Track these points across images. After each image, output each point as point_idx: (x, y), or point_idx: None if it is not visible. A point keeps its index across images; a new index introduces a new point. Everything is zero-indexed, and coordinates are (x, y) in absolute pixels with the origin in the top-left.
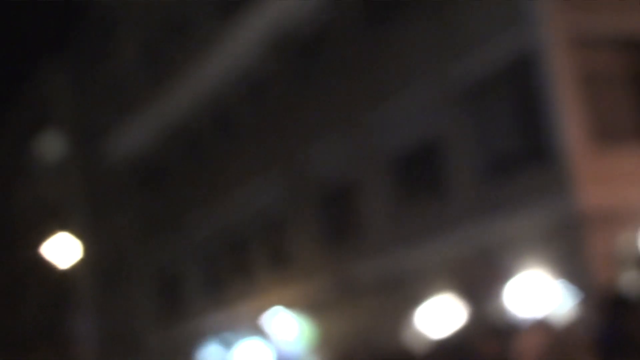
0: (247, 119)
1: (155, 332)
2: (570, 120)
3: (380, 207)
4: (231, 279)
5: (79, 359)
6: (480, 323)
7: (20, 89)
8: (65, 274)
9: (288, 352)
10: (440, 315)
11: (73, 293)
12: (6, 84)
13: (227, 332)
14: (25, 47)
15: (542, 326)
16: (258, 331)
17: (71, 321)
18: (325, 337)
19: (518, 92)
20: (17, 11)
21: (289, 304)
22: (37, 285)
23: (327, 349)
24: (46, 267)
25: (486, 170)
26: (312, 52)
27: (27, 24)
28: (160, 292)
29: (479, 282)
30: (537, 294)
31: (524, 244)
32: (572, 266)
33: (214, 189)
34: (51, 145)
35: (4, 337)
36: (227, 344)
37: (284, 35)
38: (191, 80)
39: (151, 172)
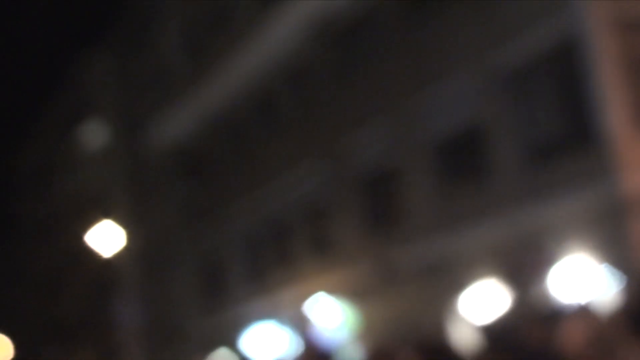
0: (289, 106)
1: (198, 320)
2: (613, 104)
3: (423, 192)
4: (274, 266)
5: (122, 347)
6: (524, 308)
7: (63, 78)
8: (108, 262)
9: (330, 339)
10: (484, 301)
11: (116, 281)
12: (50, 72)
13: (269, 320)
14: (68, 35)
15: (586, 313)
16: (302, 318)
17: (114, 309)
18: (368, 324)
19: (561, 76)
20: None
21: (332, 291)
22: (80, 274)
23: (370, 335)
24: (90, 256)
25: (529, 155)
26: (354, 39)
27: (71, 12)
28: (203, 279)
29: (523, 267)
30: (581, 279)
31: (568, 228)
32: (615, 251)
33: (256, 176)
34: (95, 134)
35: (47, 325)
36: (274, 331)
37: (325, 22)
38: (233, 68)
39: (194, 160)
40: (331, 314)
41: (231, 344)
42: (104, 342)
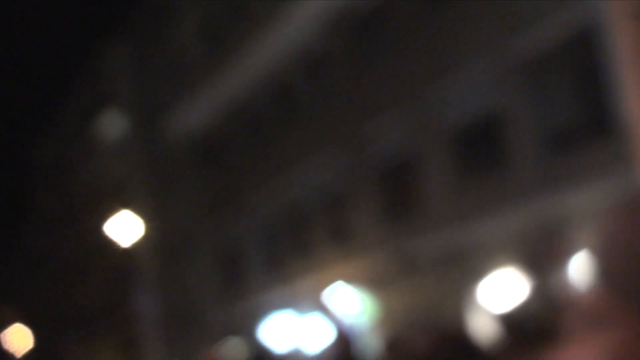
0: (307, 95)
1: (217, 309)
2: (631, 93)
3: (441, 181)
4: (292, 255)
5: (141, 336)
6: (543, 297)
7: (81, 69)
8: (128, 251)
9: (349, 328)
10: (502, 290)
11: (136, 271)
12: (68, 63)
13: (288, 309)
14: (86, 26)
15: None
16: (319, 307)
17: (134, 299)
18: (386, 313)
19: (580, 65)
20: None
21: (350, 280)
22: (100, 264)
23: (388, 324)
24: (109, 246)
25: (547, 144)
26: (371, 28)
27: (88, 3)
28: (222, 269)
29: (542, 256)
30: None
31: (587, 217)
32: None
33: (275, 165)
34: (113, 124)
35: (67, 315)
36: (291, 320)
37: (343, 10)
38: (251, 57)
39: (212, 149)
40: (349, 303)
41: (250, 333)
42: (123, 331)
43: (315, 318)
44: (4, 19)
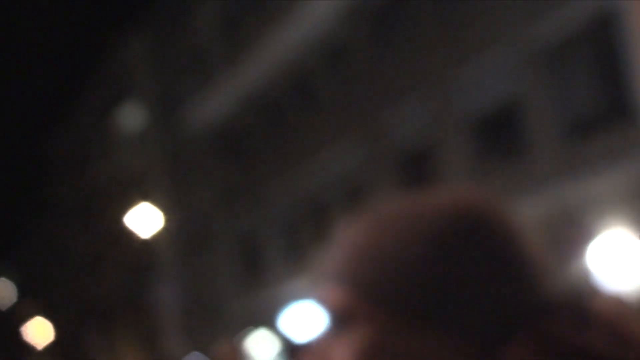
0: (326, 84)
1: (236, 299)
2: None
3: (461, 168)
4: (312, 246)
5: (161, 327)
6: (564, 284)
7: (100, 60)
8: (147, 243)
9: None
10: None
11: (155, 262)
12: (87, 55)
13: (309, 299)
14: (105, 18)
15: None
16: None
17: (154, 289)
18: None
19: (598, 52)
20: None
21: None
22: (119, 256)
23: None
24: (129, 238)
25: (567, 130)
26: (390, 16)
27: None
28: (242, 259)
29: (562, 243)
30: (621, 254)
31: (606, 204)
32: None
33: (294, 155)
34: (132, 116)
35: (87, 308)
36: (311, 312)
37: None
38: (270, 48)
39: (231, 140)
40: None
41: (270, 323)
42: (144, 322)
43: None
44: (25, 12)
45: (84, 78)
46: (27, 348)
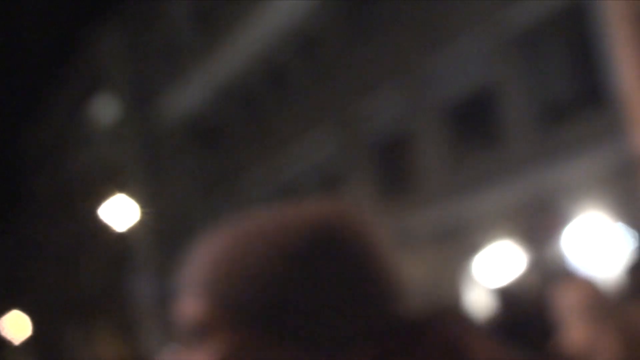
0: (300, 73)
1: None
2: (625, 63)
3: (436, 156)
4: None
5: (139, 318)
6: (540, 270)
7: (73, 52)
8: (124, 235)
9: None
10: (499, 264)
11: (133, 254)
12: (60, 47)
13: None
14: (78, 9)
15: (579, 279)
16: None
17: (131, 282)
18: None
19: (572, 36)
20: None
21: None
22: (96, 249)
23: None
24: (105, 231)
25: (541, 116)
26: (362, 3)
27: None
28: None
29: (538, 229)
30: (596, 238)
31: (581, 189)
32: (629, 209)
33: (270, 145)
34: (106, 108)
35: (64, 301)
36: None
37: None
38: (244, 37)
39: (207, 131)
40: None
41: None
42: (121, 316)
43: None
44: None
45: (57, 70)
46: (4, 342)
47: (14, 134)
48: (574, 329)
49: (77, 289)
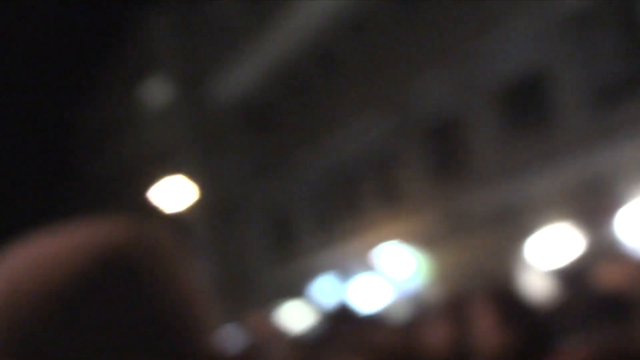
0: (350, 55)
1: (268, 271)
2: None
3: (489, 138)
4: (342, 216)
5: None
6: (596, 252)
7: (125, 34)
8: (178, 216)
9: (403, 287)
10: (554, 246)
11: (186, 236)
12: (112, 29)
13: (340, 269)
14: None
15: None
16: (371, 267)
17: None
18: (439, 271)
19: (625, 17)
20: None
21: (401, 239)
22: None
23: (441, 282)
24: (159, 212)
25: (595, 98)
26: None
27: None
28: (272, 231)
29: (593, 210)
30: None
31: (636, 170)
32: None
33: (322, 127)
34: (158, 90)
35: None
36: (342, 281)
37: None
38: (294, 19)
39: (259, 112)
40: (402, 262)
41: (302, 294)
42: None
43: (366, 278)
44: None
45: (109, 53)
46: None
47: (68, 115)
48: None
49: None
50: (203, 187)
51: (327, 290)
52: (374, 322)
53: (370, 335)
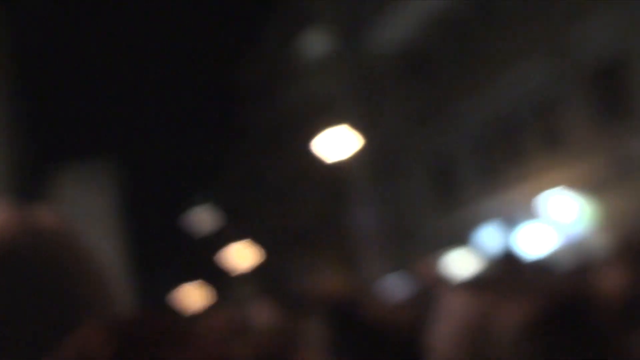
0: (511, 1)
1: (432, 220)
2: None
3: None
4: (505, 163)
5: (359, 250)
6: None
7: None
8: (341, 167)
9: (569, 233)
10: None
11: (350, 186)
12: None
13: (505, 217)
14: None
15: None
16: (536, 214)
17: (349, 214)
18: (604, 217)
19: None
20: None
21: (566, 186)
22: (314, 180)
23: (608, 228)
24: (323, 162)
25: None
26: None
27: None
28: (435, 179)
29: None
30: None
31: None
32: None
33: (483, 74)
34: (318, 41)
35: (285, 230)
36: (507, 229)
37: None
38: None
39: (418, 60)
40: (568, 209)
41: (466, 242)
42: (342, 246)
43: (531, 226)
44: None
45: (268, 6)
46: (230, 271)
47: (229, 70)
48: None
49: (297, 219)
50: (366, 137)
51: (492, 238)
52: (541, 268)
53: (538, 281)
